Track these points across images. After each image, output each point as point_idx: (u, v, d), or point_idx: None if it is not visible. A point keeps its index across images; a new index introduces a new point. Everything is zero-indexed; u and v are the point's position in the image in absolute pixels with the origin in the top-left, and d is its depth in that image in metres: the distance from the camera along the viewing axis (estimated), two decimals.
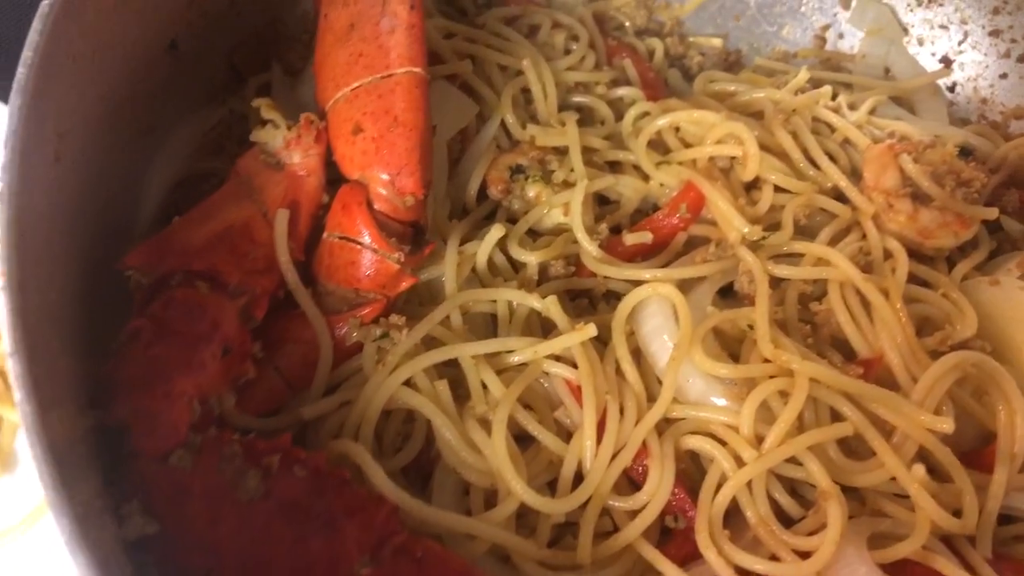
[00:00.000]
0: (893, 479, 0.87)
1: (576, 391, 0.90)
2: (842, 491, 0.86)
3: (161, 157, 1.01)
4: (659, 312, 0.94)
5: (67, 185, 0.79)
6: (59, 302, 0.75)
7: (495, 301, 0.96)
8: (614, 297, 1.01)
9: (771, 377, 0.88)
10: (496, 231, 0.98)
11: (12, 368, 0.61)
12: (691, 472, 0.90)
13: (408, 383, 0.87)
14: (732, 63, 1.40)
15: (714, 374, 0.89)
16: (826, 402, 0.89)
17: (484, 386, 0.89)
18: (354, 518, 0.77)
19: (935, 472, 0.88)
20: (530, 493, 0.83)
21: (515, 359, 0.91)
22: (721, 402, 0.89)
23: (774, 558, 0.84)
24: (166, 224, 0.88)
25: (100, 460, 0.76)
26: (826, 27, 1.40)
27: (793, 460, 0.87)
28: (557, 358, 0.92)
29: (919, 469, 0.85)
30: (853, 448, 0.90)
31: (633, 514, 0.86)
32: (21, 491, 1.02)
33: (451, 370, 0.91)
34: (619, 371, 0.92)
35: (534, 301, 0.95)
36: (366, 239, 0.89)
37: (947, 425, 0.86)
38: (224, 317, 0.83)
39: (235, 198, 0.92)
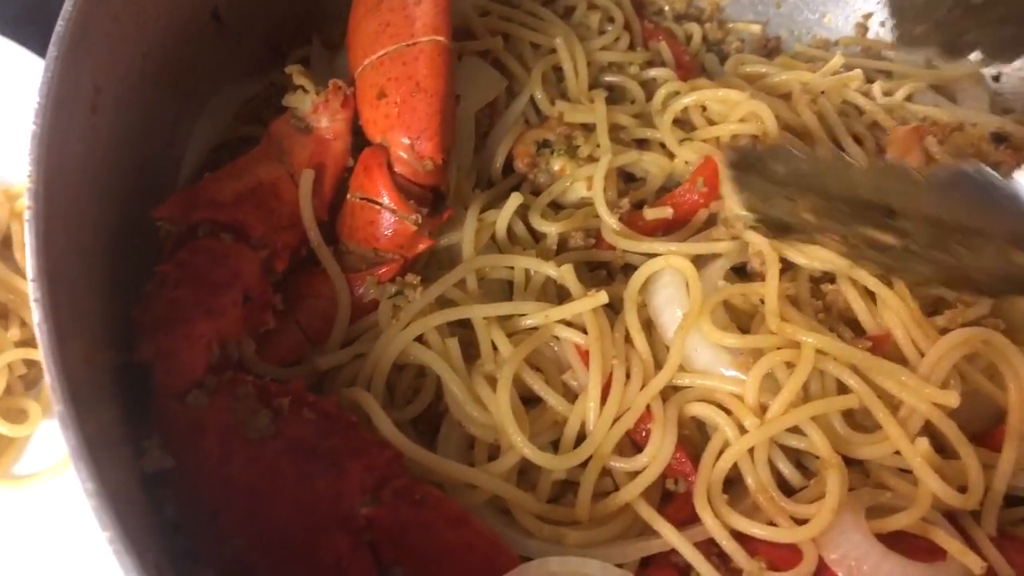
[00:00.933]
0: (897, 453, 0.86)
1: (584, 356, 0.92)
2: (846, 464, 0.86)
3: (201, 121, 1.06)
4: (671, 284, 0.95)
5: (104, 136, 0.83)
6: (90, 243, 0.80)
7: (512, 269, 0.98)
8: (632, 270, 1.01)
9: (778, 349, 0.89)
10: (515, 199, 1.01)
11: (31, 292, 0.65)
12: (695, 439, 0.91)
13: (420, 340, 0.90)
14: (771, 50, 1.40)
15: (721, 344, 0.90)
16: (833, 374, 0.89)
17: (494, 347, 0.91)
18: (358, 459, 0.81)
19: (944, 451, 0.88)
20: (531, 447, 0.85)
21: (527, 323, 0.93)
22: (729, 372, 0.90)
23: (772, 524, 0.84)
24: None
25: (124, 397, 0.81)
26: (868, 15, 1.39)
27: (798, 431, 0.88)
28: (569, 325, 0.93)
29: (922, 442, 0.85)
30: (859, 423, 0.90)
31: (633, 475, 0.87)
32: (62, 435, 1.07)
33: (463, 331, 0.93)
34: (628, 340, 0.94)
35: (550, 269, 0.97)
36: (385, 200, 0.92)
37: (953, 399, 0.86)
38: (246, 267, 0.87)
39: (265, 159, 0.97)
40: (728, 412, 0.90)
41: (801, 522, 0.84)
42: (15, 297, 1.13)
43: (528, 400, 0.91)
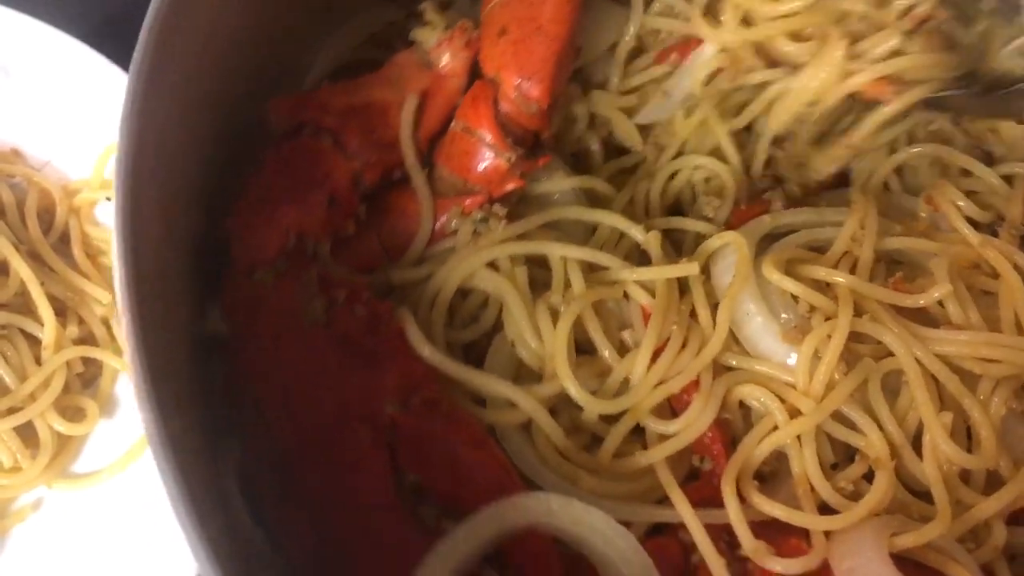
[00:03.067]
0: None
1: (648, 318, 0.91)
2: None
3: (333, 38, 1.12)
4: (732, 254, 0.94)
5: (226, 34, 0.90)
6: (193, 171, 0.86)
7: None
8: None
9: (827, 319, 0.87)
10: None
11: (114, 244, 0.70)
12: (736, 426, 0.89)
13: (492, 266, 0.92)
14: None
15: (780, 285, 0.89)
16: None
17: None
18: (395, 363, 0.84)
19: None
20: (574, 382, 0.86)
21: (608, 277, 0.93)
22: (780, 357, 0.88)
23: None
24: None
25: (197, 284, 0.87)
26: None
27: (854, 428, 0.86)
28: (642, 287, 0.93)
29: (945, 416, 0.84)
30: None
31: (663, 438, 0.86)
32: (120, 434, 1.10)
33: (538, 271, 0.95)
34: (694, 315, 0.92)
35: (637, 232, 0.97)
36: (484, 133, 0.95)
37: None
38: (337, 172, 0.92)
39: (382, 83, 1.01)
40: (781, 400, 0.87)
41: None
42: (74, 295, 1.13)
43: (580, 352, 0.92)
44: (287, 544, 0.81)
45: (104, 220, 1.20)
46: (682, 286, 0.94)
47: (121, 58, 1.11)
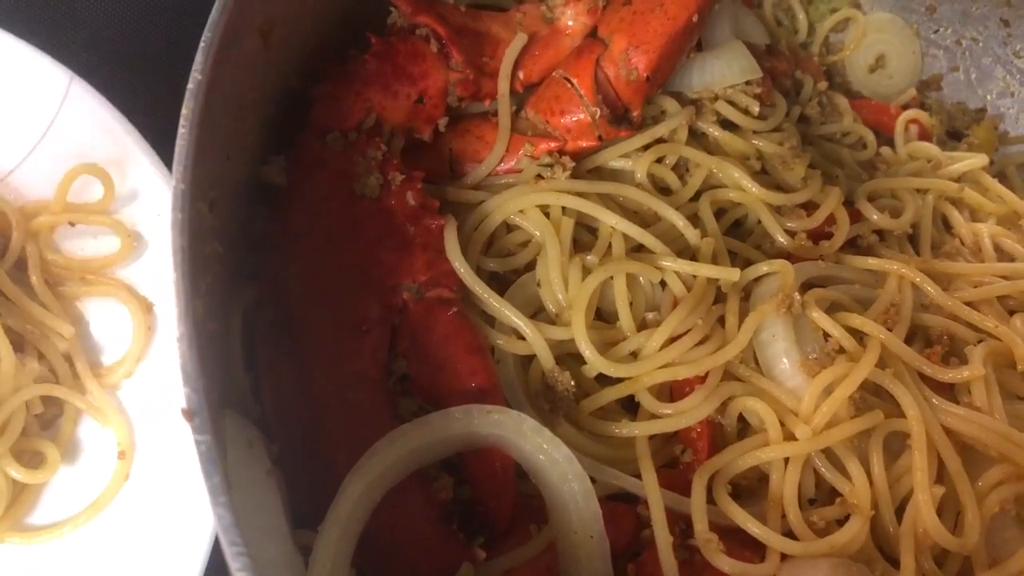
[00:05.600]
0: None
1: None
2: None
3: None
4: (774, 282, 0.94)
5: None
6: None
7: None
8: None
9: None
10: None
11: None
12: (728, 434, 0.88)
13: (543, 210, 0.93)
14: None
15: (819, 322, 0.90)
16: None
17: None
18: (425, 254, 0.86)
19: None
20: (584, 334, 0.86)
21: (650, 260, 0.93)
22: (793, 374, 0.88)
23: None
24: None
25: (267, 131, 0.90)
26: None
27: (844, 471, 0.84)
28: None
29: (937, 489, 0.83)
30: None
31: (654, 418, 0.86)
32: (83, 483, 0.97)
33: (584, 233, 0.96)
34: (721, 322, 0.92)
35: (692, 235, 0.97)
36: (579, 83, 0.97)
37: None
38: (434, 76, 0.96)
39: (501, 21, 1.05)
40: (780, 423, 0.86)
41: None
42: (33, 328, 0.99)
43: (597, 319, 0.92)
44: (268, 394, 0.82)
45: (65, 246, 1.05)
46: (718, 297, 0.94)
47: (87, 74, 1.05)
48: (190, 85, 0.67)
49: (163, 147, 1.04)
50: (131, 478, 0.96)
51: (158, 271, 1.03)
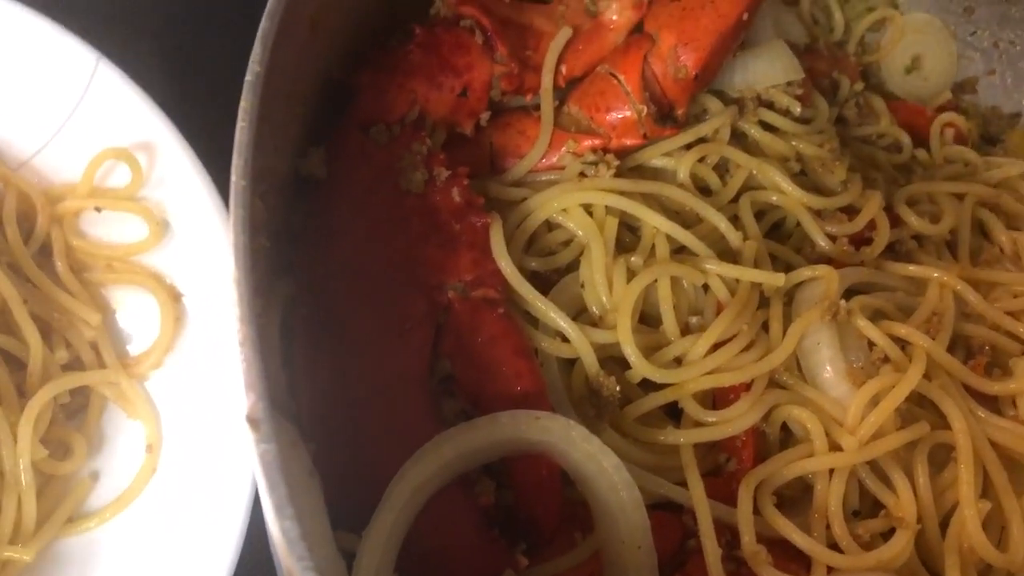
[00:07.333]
0: None
1: (721, 311, 0.90)
2: None
3: None
4: (818, 287, 0.93)
5: None
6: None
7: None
8: None
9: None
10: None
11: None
12: (771, 442, 0.87)
13: (586, 209, 0.92)
14: None
15: (864, 331, 0.89)
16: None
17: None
18: (471, 252, 0.84)
19: None
20: (630, 338, 0.84)
21: (694, 263, 0.91)
22: (838, 383, 0.87)
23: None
24: None
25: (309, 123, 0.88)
26: None
27: (889, 484, 0.83)
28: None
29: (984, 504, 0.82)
30: None
31: (698, 425, 0.85)
32: (108, 476, 0.96)
33: (626, 234, 0.94)
34: (765, 328, 0.91)
35: (734, 238, 0.96)
36: (624, 80, 0.95)
37: None
38: (479, 68, 0.94)
39: (545, 13, 1.02)
40: (826, 432, 0.85)
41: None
42: (60, 315, 0.97)
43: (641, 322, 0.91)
44: (305, 392, 0.80)
45: (91, 232, 1.03)
46: (761, 302, 0.93)
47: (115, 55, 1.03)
48: (248, 77, 0.64)
49: (191, 132, 1.02)
50: (159, 472, 0.94)
51: (187, 260, 1.01)
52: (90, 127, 1.03)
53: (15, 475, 0.89)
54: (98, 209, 1.02)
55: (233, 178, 0.61)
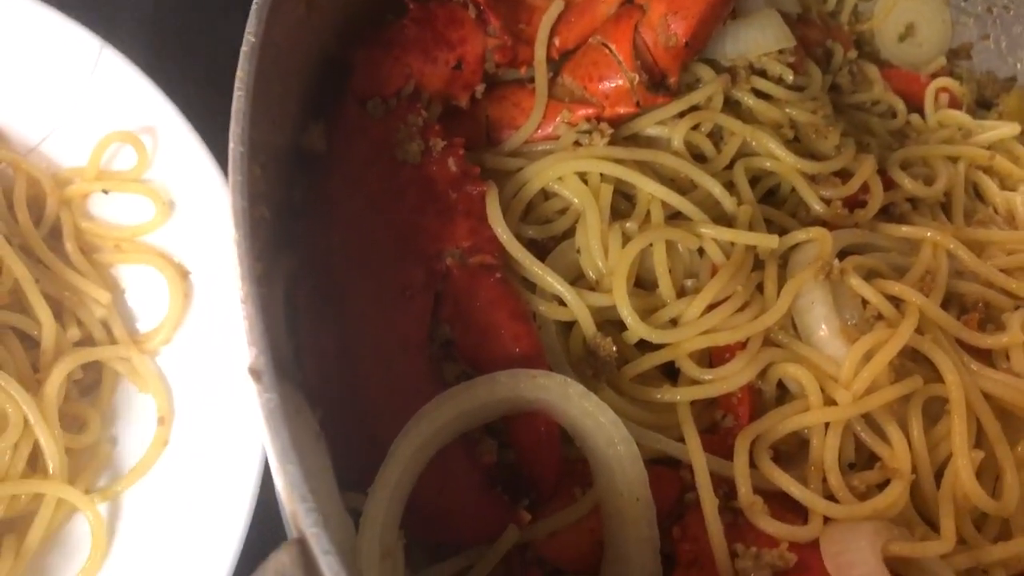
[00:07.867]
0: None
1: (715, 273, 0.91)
2: None
3: None
4: (812, 249, 0.94)
5: None
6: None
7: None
8: None
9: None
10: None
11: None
12: (767, 399, 0.89)
13: (582, 177, 0.93)
14: None
15: (858, 290, 0.90)
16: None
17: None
18: (467, 220, 0.86)
19: None
20: (626, 300, 0.86)
21: (689, 227, 0.93)
22: (832, 340, 0.88)
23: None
24: None
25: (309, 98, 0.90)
26: None
27: (883, 436, 0.85)
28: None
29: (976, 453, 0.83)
30: None
31: (695, 384, 0.86)
32: (121, 449, 0.98)
33: (621, 201, 0.96)
34: (759, 289, 0.92)
35: (728, 203, 0.97)
36: (617, 49, 0.97)
37: None
38: (473, 40, 0.96)
39: None
40: (820, 388, 0.87)
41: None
42: (71, 294, 0.99)
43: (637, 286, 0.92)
44: (310, 360, 0.82)
45: (98, 214, 1.06)
46: (756, 265, 0.94)
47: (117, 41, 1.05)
48: (244, 47, 0.66)
49: (193, 114, 1.05)
50: (170, 444, 0.97)
51: (193, 238, 1.03)
52: (96, 112, 1.06)
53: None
54: (105, 191, 1.05)
55: (231, 145, 0.63)
